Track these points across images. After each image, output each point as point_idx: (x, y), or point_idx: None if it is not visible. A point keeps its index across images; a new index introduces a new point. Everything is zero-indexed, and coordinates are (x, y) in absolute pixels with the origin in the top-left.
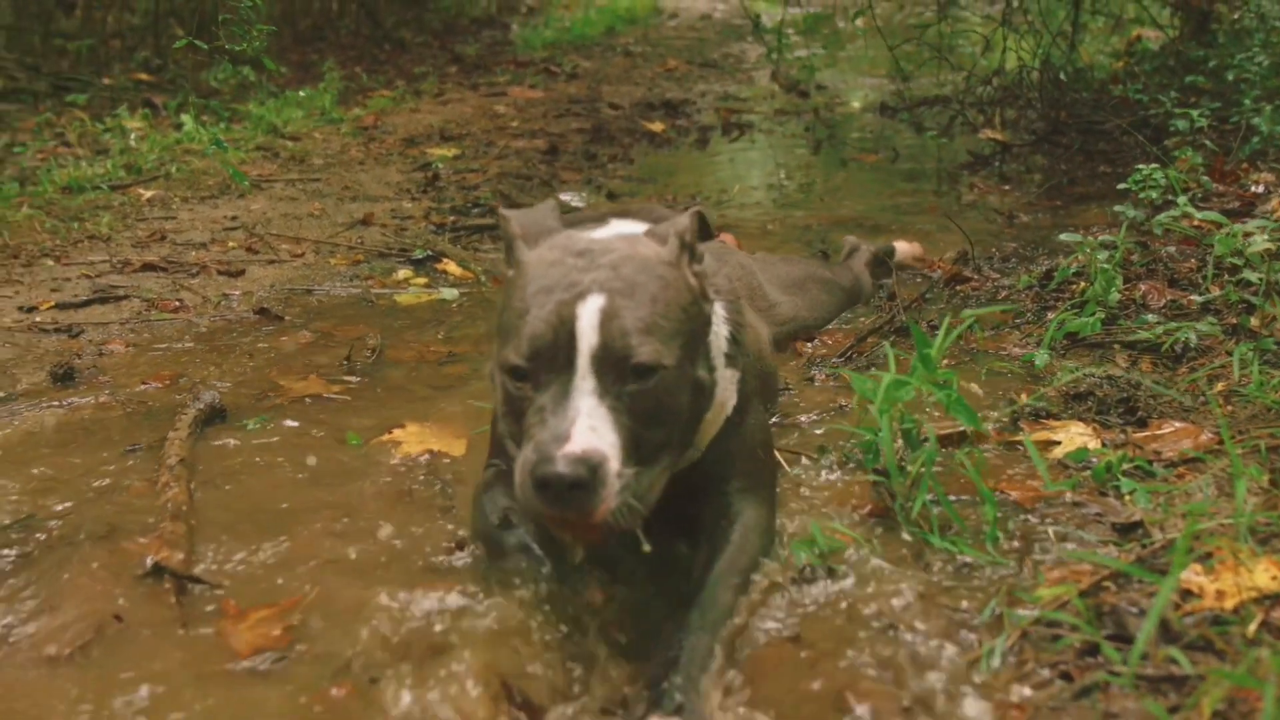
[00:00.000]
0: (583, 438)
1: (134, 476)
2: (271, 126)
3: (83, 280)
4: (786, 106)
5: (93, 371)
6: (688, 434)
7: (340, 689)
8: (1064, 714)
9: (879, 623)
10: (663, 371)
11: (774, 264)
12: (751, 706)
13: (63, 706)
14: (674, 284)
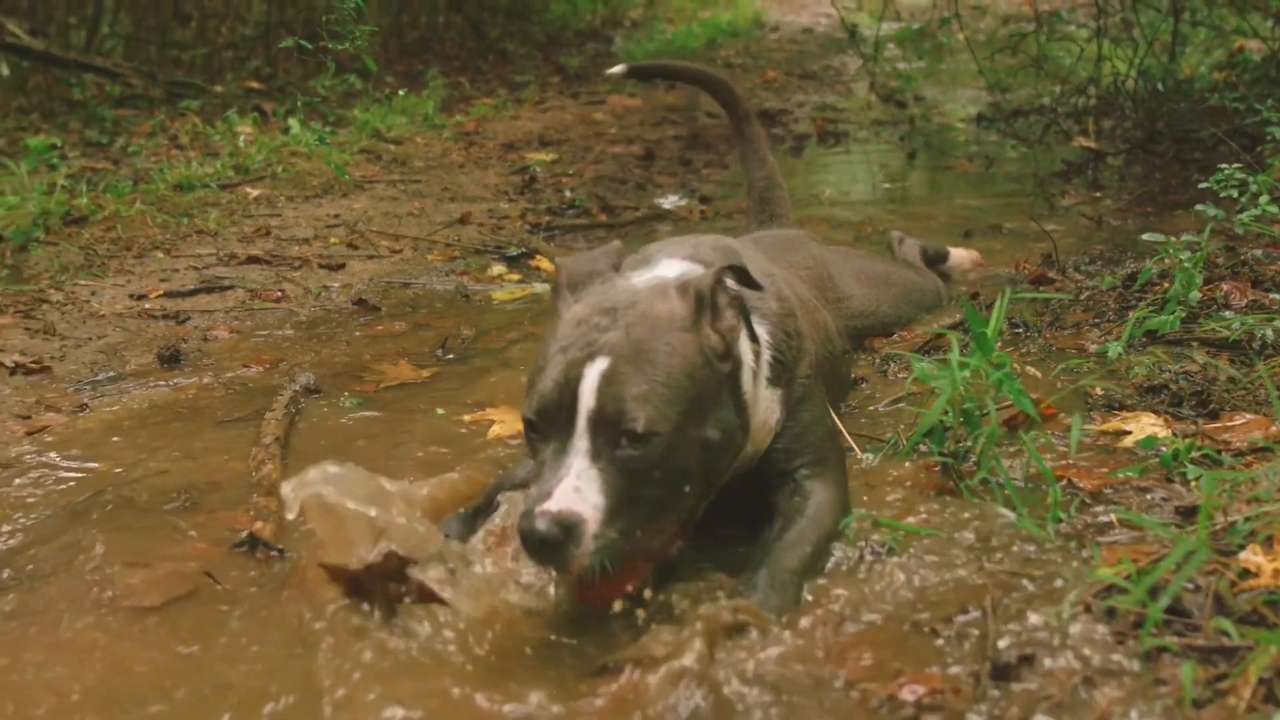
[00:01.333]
0: (563, 498)
1: (231, 451)
2: (375, 131)
3: (190, 271)
4: (883, 116)
5: (197, 355)
6: (704, 486)
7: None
8: (1117, 677)
9: (936, 591)
10: (657, 439)
11: (853, 258)
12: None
13: (150, 653)
14: (682, 349)
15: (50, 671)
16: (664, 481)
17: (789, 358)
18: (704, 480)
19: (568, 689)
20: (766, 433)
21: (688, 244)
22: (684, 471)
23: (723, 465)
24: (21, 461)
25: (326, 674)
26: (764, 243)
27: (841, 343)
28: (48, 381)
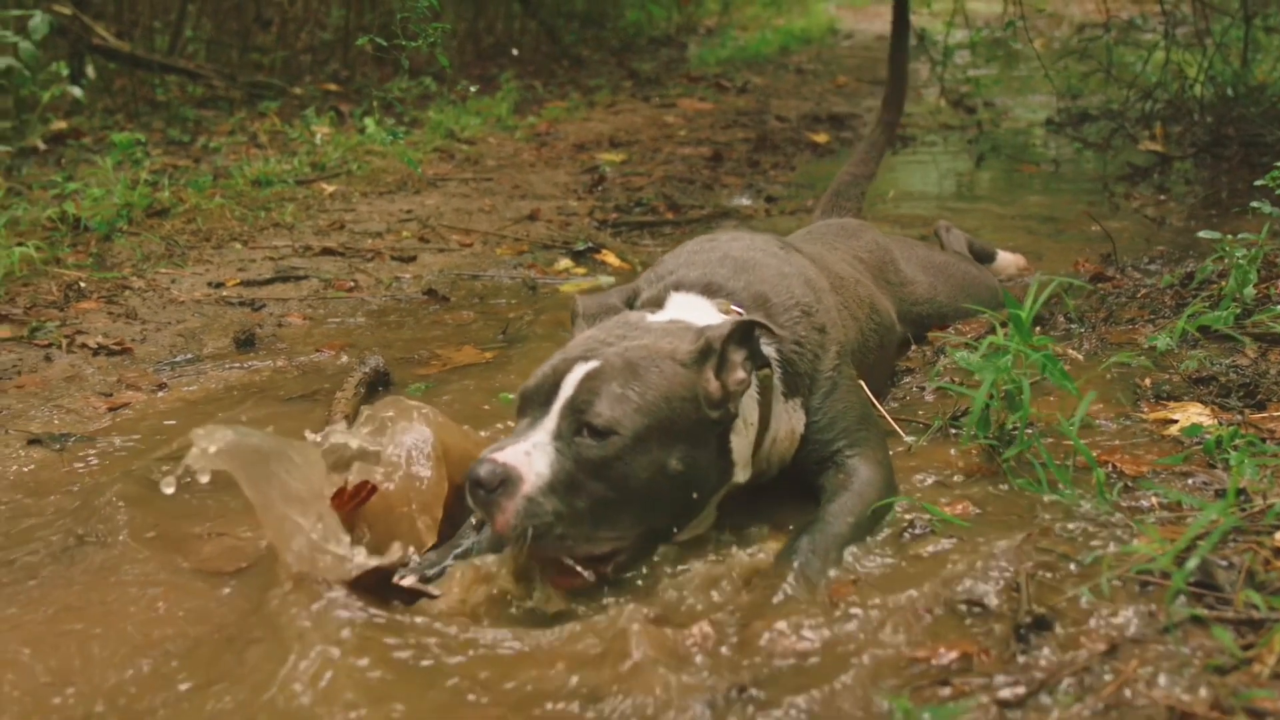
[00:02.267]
0: (513, 455)
1: (302, 427)
2: (449, 131)
3: (267, 262)
4: (952, 121)
5: (272, 340)
6: (663, 511)
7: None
8: (1145, 645)
9: (974, 567)
10: (614, 439)
11: (916, 247)
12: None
13: (220, 611)
14: (671, 377)
15: (131, 626)
16: (611, 485)
17: (804, 365)
18: (660, 505)
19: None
20: (792, 440)
21: (705, 264)
22: (634, 484)
23: (688, 497)
24: (103, 434)
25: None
26: (818, 231)
27: (890, 317)
28: (129, 362)
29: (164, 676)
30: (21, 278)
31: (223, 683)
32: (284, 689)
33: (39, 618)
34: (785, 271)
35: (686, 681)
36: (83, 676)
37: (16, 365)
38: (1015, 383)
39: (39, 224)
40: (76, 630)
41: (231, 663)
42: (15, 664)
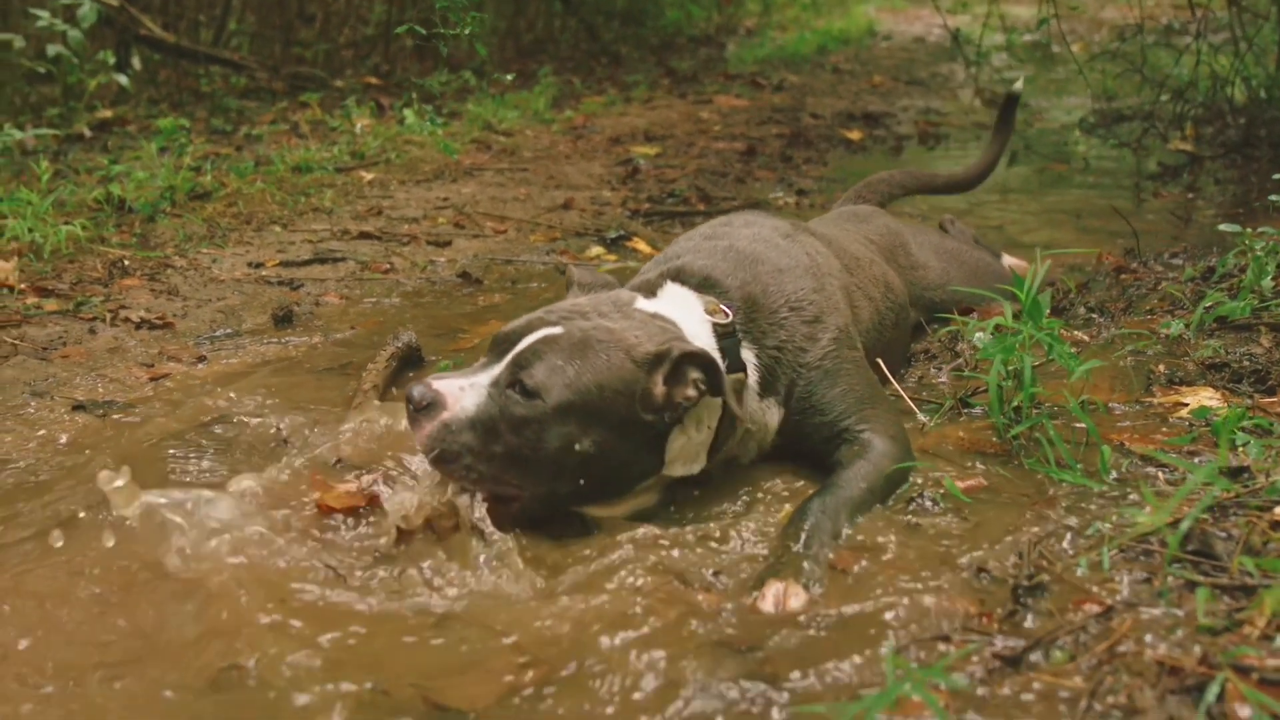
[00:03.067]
0: (447, 386)
1: (333, 397)
2: (487, 124)
3: (305, 244)
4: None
5: (309, 317)
6: (559, 482)
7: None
8: (1139, 609)
9: (981, 537)
10: (537, 402)
11: (929, 233)
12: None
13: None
14: (616, 369)
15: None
16: (524, 442)
17: (785, 364)
18: (564, 475)
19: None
20: (766, 431)
21: (710, 255)
22: (543, 449)
23: (599, 478)
24: (144, 401)
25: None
26: (831, 216)
27: (905, 297)
28: (170, 336)
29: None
30: (68, 255)
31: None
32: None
33: (76, 557)
34: (783, 266)
35: (691, 640)
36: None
37: (62, 337)
38: (1022, 362)
39: (85, 204)
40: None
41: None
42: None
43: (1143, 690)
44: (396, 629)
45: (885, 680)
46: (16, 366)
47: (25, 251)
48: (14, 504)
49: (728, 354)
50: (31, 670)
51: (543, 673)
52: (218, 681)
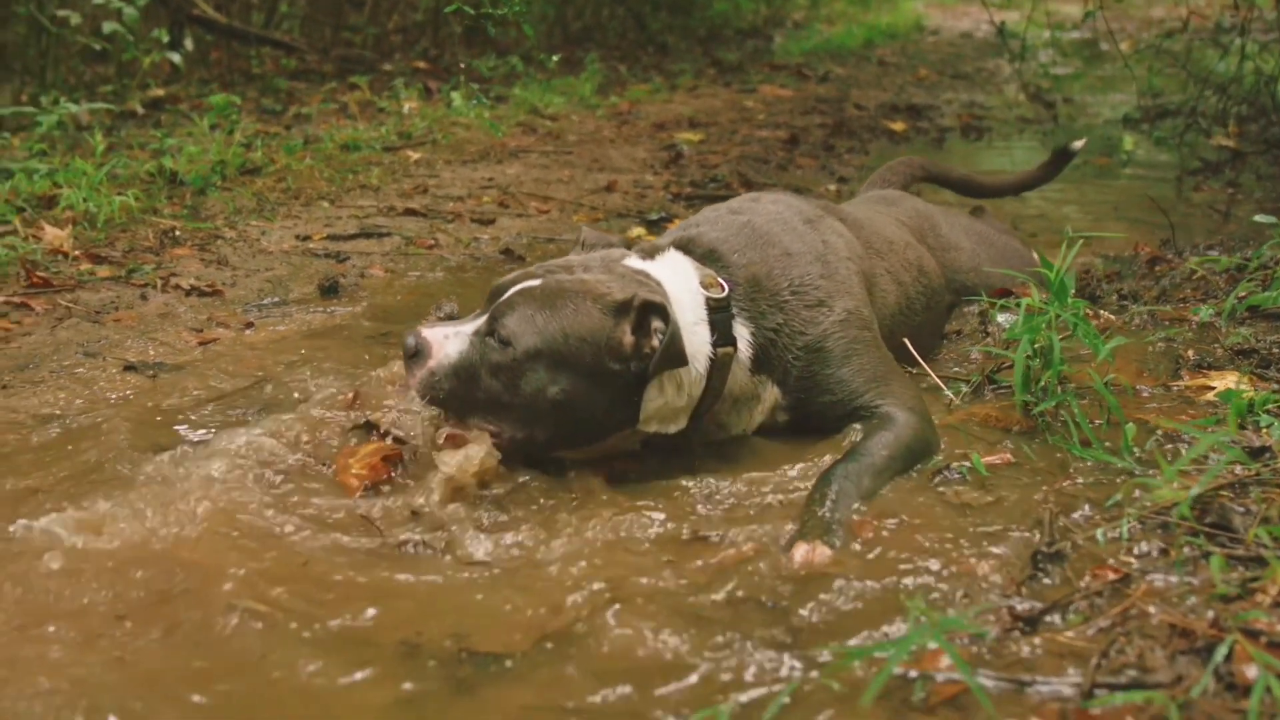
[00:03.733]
0: (434, 334)
1: (373, 362)
2: (533, 107)
3: (352, 220)
4: (1029, 115)
5: (354, 288)
6: (534, 426)
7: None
8: (1155, 577)
9: (1005, 508)
10: (510, 349)
11: (959, 215)
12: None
13: (276, 502)
14: (584, 318)
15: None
16: (501, 388)
17: (781, 346)
18: (539, 421)
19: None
20: (766, 408)
21: (726, 229)
22: (517, 395)
23: (571, 425)
24: (193, 363)
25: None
26: (859, 201)
27: (939, 280)
28: (219, 303)
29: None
30: (120, 224)
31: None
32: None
33: None
34: (792, 250)
35: (717, 594)
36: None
37: (114, 301)
38: (1050, 340)
39: (137, 177)
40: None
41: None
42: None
43: (1154, 650)
44: (434, 583)
45: (906, 633)
46: (70, 328)
47: (79, 220)
48: (61, 454)
49: (718, 327)
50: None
51: (574, 621)
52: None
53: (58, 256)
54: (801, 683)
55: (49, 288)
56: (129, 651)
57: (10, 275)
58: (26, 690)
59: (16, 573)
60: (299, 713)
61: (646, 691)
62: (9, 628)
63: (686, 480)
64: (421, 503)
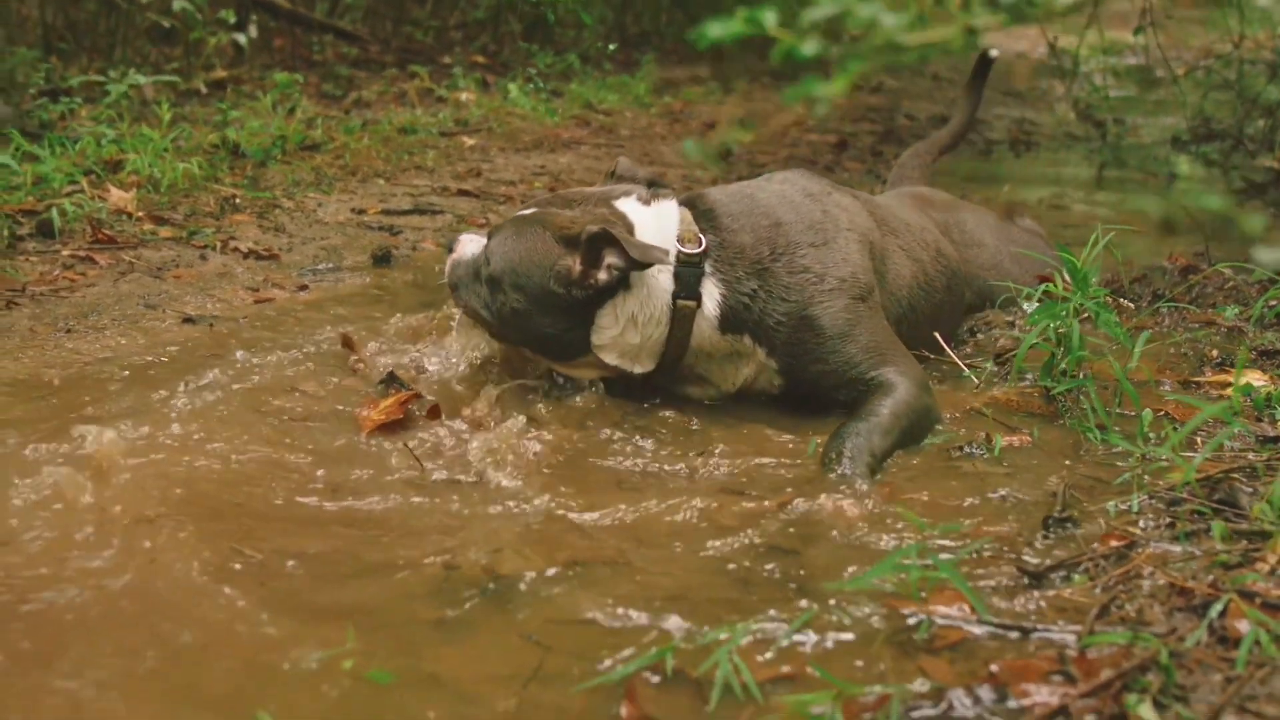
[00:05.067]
0: (466, 237)
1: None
2: (587, 102)
3: (406, 197)
4: (1079, 132)
5: (406, 259)
6: (513, 334)
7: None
8: (1160, 545)
9: (1019, 481)
10: (489, 265)
11: (988, 215)
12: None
13: (291, 457)
14: (533, 244)
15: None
16: (487, 292)
17: (756, 310)
18: (513, 329)
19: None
20: (749, 369)
21: (732, 197)
22: (494, 300)
23: (540, 341)
24: (248, 318)
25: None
26: (890, 194)
27: (958, 265)
28: (275, 267)
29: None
30: (183, 190)
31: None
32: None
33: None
34: (784, 221)
35: (739, 537)
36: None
37: (175, 260)
38: (1069, 324)
39: (200, 147)
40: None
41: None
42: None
43: (1152, 606)
44: (464, 511)
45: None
46: (133, 282)
47: (143, 184)
48: (116, 388)
49: (684, 281)
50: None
51: (600, 551)
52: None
53: (122, 216)
54: (815, 619)
55: (113, 244)
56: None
57: (77, 231)
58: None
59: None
60: (358, 619)
61: (667, 613)
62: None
63: (713, 443)
64: (454, 438)
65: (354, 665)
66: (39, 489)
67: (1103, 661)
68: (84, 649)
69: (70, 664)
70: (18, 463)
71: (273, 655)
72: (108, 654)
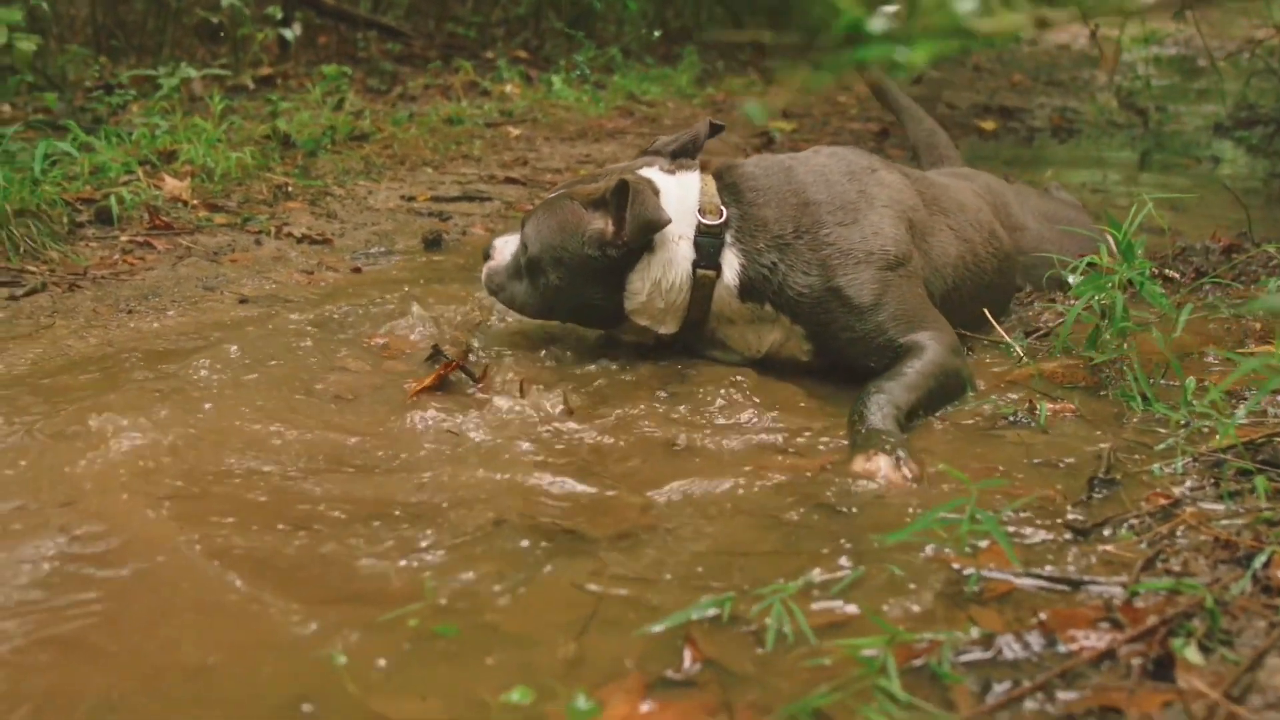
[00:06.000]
0: (501, 241)
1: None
2: (630, 94)
3: (454, 184)
4: (1121, 120)
5: (456, 243)
6: (554, 313)
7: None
8: (1203, 505)
9: (1064, 447)
10: (527, 251)
11: (1030, 194)
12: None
13: (343, 422)
14: (565, 213)
15: (271, 426)
16: (529, 280)
17: (775, 283)
18: (557, 304)
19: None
20: (776, 335)
21: (768, 169)
22: (536, 285)
23: (580, 307)
24: (301, 298)
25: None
26: (942, 172)
27: (1011, 248)
28: (328, 250)
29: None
30: (236, 179)
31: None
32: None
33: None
34: (813, 200)
35: (787, 497)
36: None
37: (231, 245)
38: (1114, 296)
39: (251, 138)
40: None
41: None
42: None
43: (1197, 559)
44: (511, 479)
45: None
46: (190, 266)
47: (197, 173)
48: (176, 362)
49: (702, 250)
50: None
51: (648, 510)
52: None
53: (177, 204)
54: (864, 573)
55: (170, 230)
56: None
57: (134, 218)
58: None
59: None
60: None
61: (718, 566)
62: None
63: (750, 409)
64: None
65: (420, 622)
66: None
67: (1149, 610)
68: (165, 598)
69: (148, 617)
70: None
71: (345, 608)
72: (196, 593)
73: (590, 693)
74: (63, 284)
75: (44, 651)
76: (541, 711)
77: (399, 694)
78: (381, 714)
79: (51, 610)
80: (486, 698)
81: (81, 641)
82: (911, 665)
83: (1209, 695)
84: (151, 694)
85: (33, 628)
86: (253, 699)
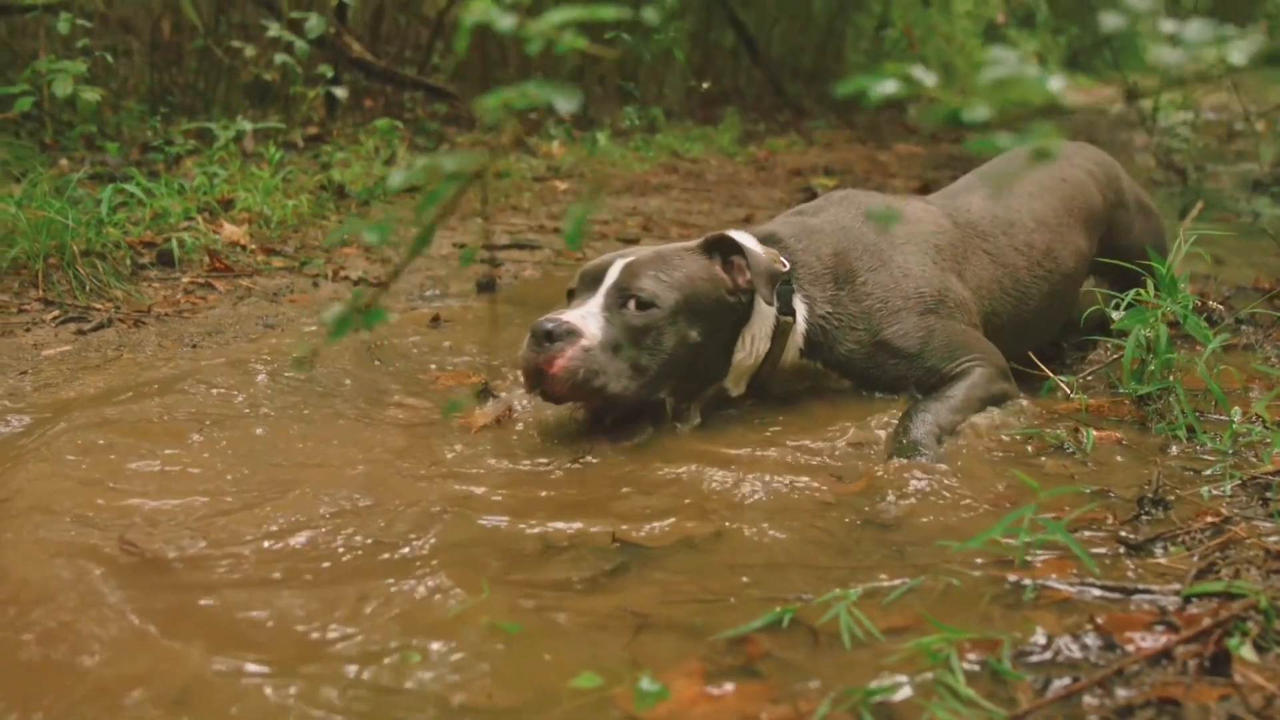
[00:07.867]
0: (571, 316)
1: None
2: (674, 151)
3: (505, 234)
4: (1159, 178)
5: (510, 286)
6: (678, 377)
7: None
8: (1254, 523)
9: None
10: (655, 310)
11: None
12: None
13: (397, 442)
14: (694, 263)
15: (333, 454)
16: (646, 348)
17: (822, 339)
18: (678, 370)
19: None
20: (798, 388)
21: (795, 229)
22: (663, 349)
23: (695, 370)
24: (362, 336)
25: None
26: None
27: (1072, 265)
28: (384, 293)
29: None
30: (292, 225)
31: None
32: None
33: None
34: (839, 249)
35: (834, 513)
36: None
37: (289, 287)
38: (1160, 328)
39: (305, 189)
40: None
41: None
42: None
43: (1249, 569)
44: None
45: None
46: (250, 305)
47: (254, 220)
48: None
49: (781, 297)
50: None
51: (716, 526)
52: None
53: (236, 248)
54: (921, 582)
55: (229, 272)
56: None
57: (195, 261)
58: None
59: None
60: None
61: (776, 578)
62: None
63: (794, 430)
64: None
65: (488, 619)
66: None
67: (1203, 614)
68: (248, 595)
69: (255, 598)
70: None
71: (417, 607)
72: (282, 590)
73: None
74: (128, 320)
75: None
76: (610, 695)
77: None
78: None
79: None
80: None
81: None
82: (972, 664)
83: (1267, 688)
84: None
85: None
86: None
